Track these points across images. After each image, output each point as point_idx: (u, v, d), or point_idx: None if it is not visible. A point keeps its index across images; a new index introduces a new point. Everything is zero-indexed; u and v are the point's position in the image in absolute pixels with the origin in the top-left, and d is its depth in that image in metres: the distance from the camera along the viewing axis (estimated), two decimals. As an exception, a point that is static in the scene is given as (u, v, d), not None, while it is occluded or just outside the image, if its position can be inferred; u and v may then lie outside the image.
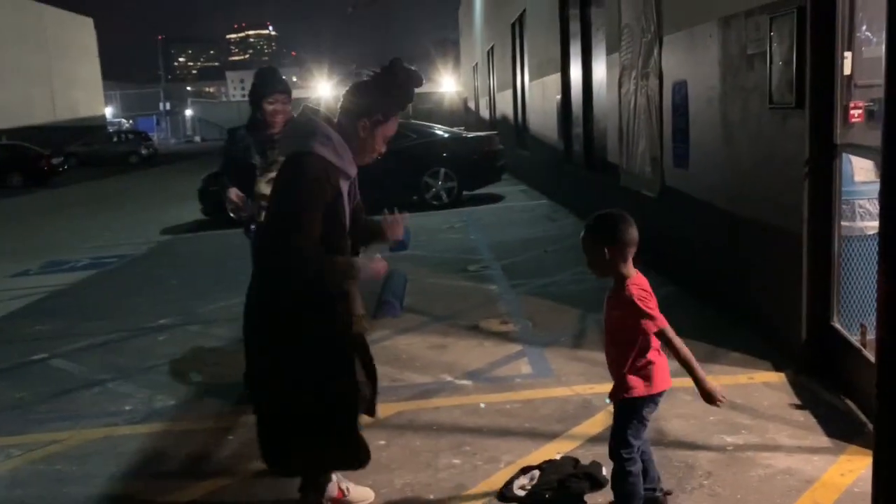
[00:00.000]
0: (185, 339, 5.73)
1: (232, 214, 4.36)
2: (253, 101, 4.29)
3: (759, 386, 4.00)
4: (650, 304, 2.61)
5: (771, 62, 4.18)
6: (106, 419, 4.23)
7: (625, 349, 2.66)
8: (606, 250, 2.62)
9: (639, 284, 2.64)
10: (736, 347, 4.51)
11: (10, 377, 5.18)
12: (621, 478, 2.70)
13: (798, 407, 3.71)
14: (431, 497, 3.10)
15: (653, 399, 2.70)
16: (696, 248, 5.67)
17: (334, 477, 3.00)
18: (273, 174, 4.20)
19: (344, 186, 2.74)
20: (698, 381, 2.64)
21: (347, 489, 3.06)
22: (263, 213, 4.18)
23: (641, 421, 2.70)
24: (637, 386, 2.66)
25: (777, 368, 4.19)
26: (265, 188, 4.20)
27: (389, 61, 2.81)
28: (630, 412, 2.69)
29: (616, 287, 2.67)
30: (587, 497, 3.00)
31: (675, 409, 3.67)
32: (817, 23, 3.78)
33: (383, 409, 3.98)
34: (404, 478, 3.26)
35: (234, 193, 4.25)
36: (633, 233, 2.65)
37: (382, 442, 3.61)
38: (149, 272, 8.93)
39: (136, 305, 7.05)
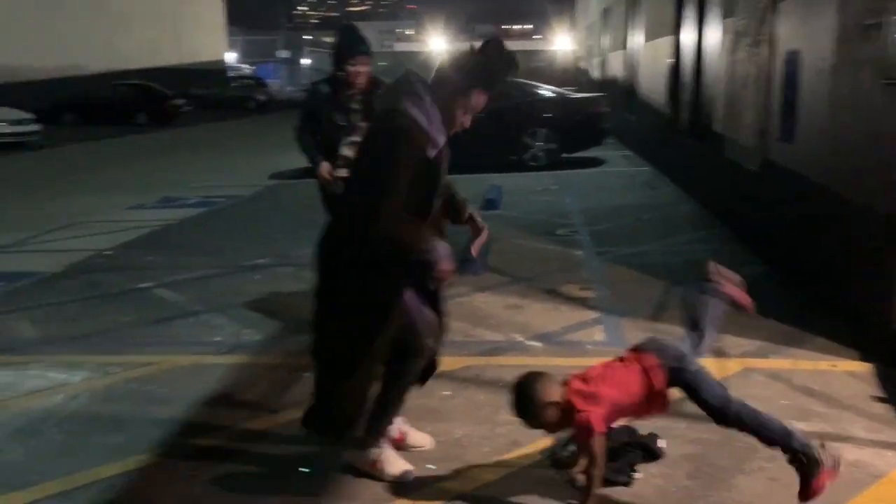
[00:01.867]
0: (277, 280, 6.02)
1: (325, 187, 4.41)
2: (336, 59, 4.37)
3: (840, 374, 3.85)
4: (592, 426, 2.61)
5: (887, 34, 3.91)
6: (197, 347, 4.53)
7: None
8: (538, 413, 2.67)
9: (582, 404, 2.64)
10: (822, 333, 4.34)
11: (117, 301, 5.61)
12: (741, 418, 2.67)
13: (880, 399, 3.56)
14: (486, 450, 3.18)
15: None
16: (793, 227, 5.44)
17: (395, 421, 3.13)
18: (356, 136, 4.32)
19: (431, 152, 2.75)
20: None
21: (406, 433, 3.19)
22: (344, 172, 4.33)
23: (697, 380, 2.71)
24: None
25: (864, 358, 4.01)
26: (347, 150, 4.32)
27: (485, 41, 2.80)
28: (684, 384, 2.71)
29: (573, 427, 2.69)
30: (641, 467, 3.00)
31: (748, 389, 3.59)
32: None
33: (452, 362, 4.10)
34: (463, 429, 3.36)
35: (325, 170, 4.34)
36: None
37: (447, 392, 3.72)
38: (252, 214, 9.35)
39: (236, 244, 7.43)
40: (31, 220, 8.98)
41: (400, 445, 3.15)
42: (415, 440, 3.21)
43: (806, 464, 2.59)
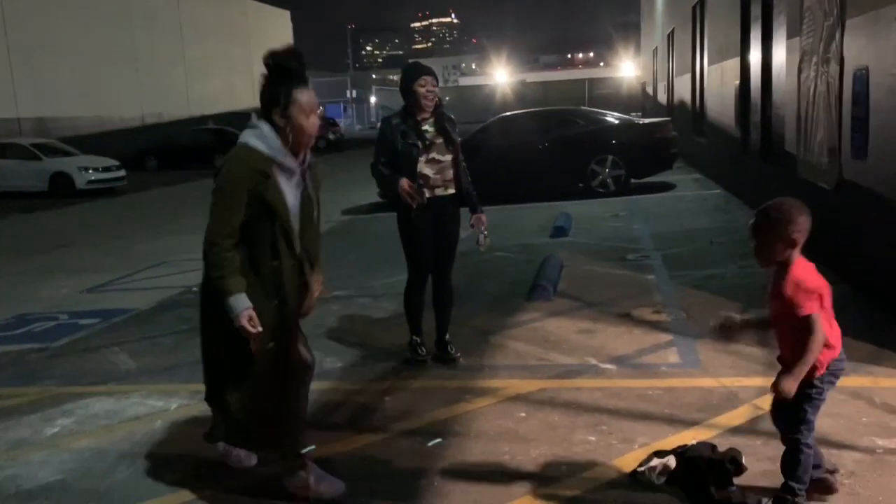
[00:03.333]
0: (355, 309, 6.24)
1: (408, 201, 4.48)
2: (404, 90, 4.57)
3: (924, 392, 3.78)
4: (806, 292, 2.61)
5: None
6: (282, 376, 4.75)
7: (794, 335, 2.68)
8: (776, 237, 2.65)
9: (800, 274, 2.65)
10: (904, 350, 4.26)
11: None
12: (795, 449, 2.74)
13: (966, 416, 3.48)
14: (563, 469, 3.26)
15: (825, 378, 2.72)
16: (871, 245, 5.35)
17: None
18: (432, 154, 4.51)
19: (274, 170, 2.91)
20: (784, 374, 2.64)
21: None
22: (424, 191, 4.51)
23: (812, 404, 2.72)
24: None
25: (948, 375, 3.92)
26: (425, 168, 4.51)
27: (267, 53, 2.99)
28: (803, 397, 2.72)
29: (778, 274, 2.70)
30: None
31: (828, 407, 3.56)
32: None
33: (526, 385, 4.21)
34: (539, 448, 3.45)
35: (405, 183, 4.45)
36: (805, 221, 2.66)
37: (522, 414, 3.82)
38: (328, 248, 9.64)
39: (314, 278, 7.69)
40: (122, 261, 9.51)
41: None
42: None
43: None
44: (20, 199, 17.91)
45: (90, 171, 19.67)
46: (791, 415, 2.75)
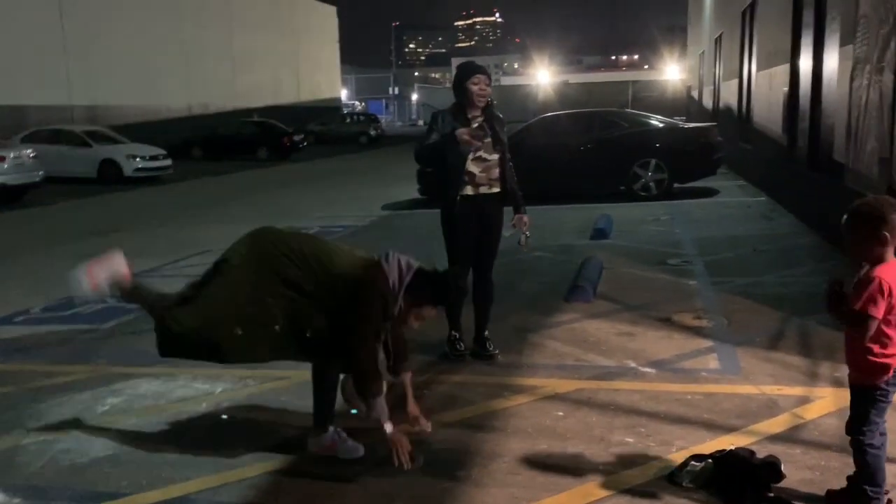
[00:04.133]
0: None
1: (469, 143, 4.44)
2: (457, 87, 4.62)
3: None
4: (877, 292, 2.60)
5: None
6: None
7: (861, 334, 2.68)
8: (869, 234, 2.65)
9: (882, 273, 2.63)
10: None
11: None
12: (860, 450, 2.76)
13: None
14: (600, 468, 3.28)
15: (891, 381, 2.72)
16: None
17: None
18: (480, 152, 4.55)
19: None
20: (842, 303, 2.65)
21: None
22: (469, 188, 4.56)
23: (877, 406, 2.73)
24: (872, 373, 2.71)
25: None
26: (472, 165, 4.56)
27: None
28: (867, 398, 2.74)
29: (865, 271, 2.69)
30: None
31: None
32: None
33: (564, 385, 4.24)
34: (576, 447, 3.48)
35: (463, 131, 4.42)
36: None
37: (560, 413, 3.85)
38: (368, 242, 9.76)
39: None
40: (167, 248, 9.74)
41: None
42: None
43: None
44: (70, 185, 18.37)
45: (138, 159, 20.10)
46: (855, 416, 2.77)
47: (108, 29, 27.51)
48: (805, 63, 9.63)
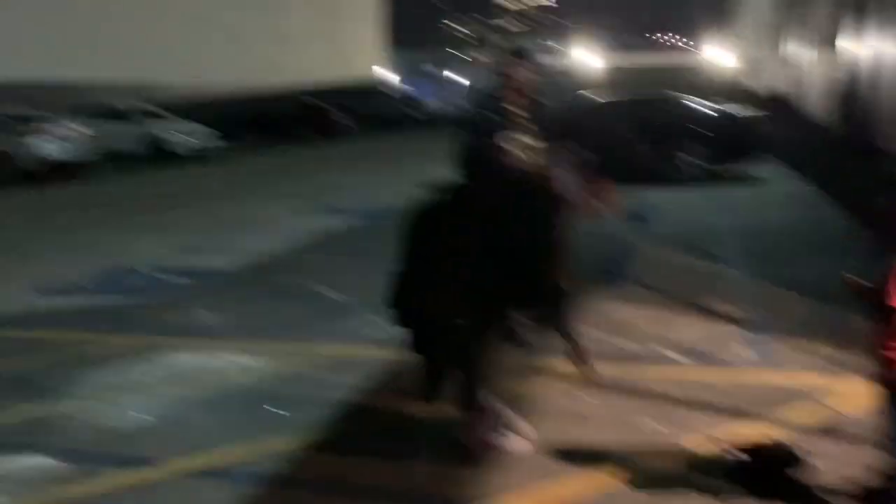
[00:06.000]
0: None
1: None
2: (502, 72, 4.64)
3: None
4: None
5: None
6: (361, 341, 4.94)
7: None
8: None
9: None
10: None
11: (291, 298, 6.11)
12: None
13: None
14: (626, 452, 3.32)
15: None
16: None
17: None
18: (516, 135, 4.56)
19: None
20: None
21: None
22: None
23: None
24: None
25: None
26: (507, 146, 4.58)
27: None
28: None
29: None
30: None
31: None
32: None
33: (591, 369, 4.26)
34: (603, 431, 3.53)
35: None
36: None
37: (587, 397, 3.89)
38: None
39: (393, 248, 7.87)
40: (213, 225, 9.96)
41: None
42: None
43: None
44: (121, 161, 18.82)
45: (188, 137, 20.48)
46: (884, 410, 2.78)
47: (159, 6, 27.99)
48: (859, 48, 9.37)
